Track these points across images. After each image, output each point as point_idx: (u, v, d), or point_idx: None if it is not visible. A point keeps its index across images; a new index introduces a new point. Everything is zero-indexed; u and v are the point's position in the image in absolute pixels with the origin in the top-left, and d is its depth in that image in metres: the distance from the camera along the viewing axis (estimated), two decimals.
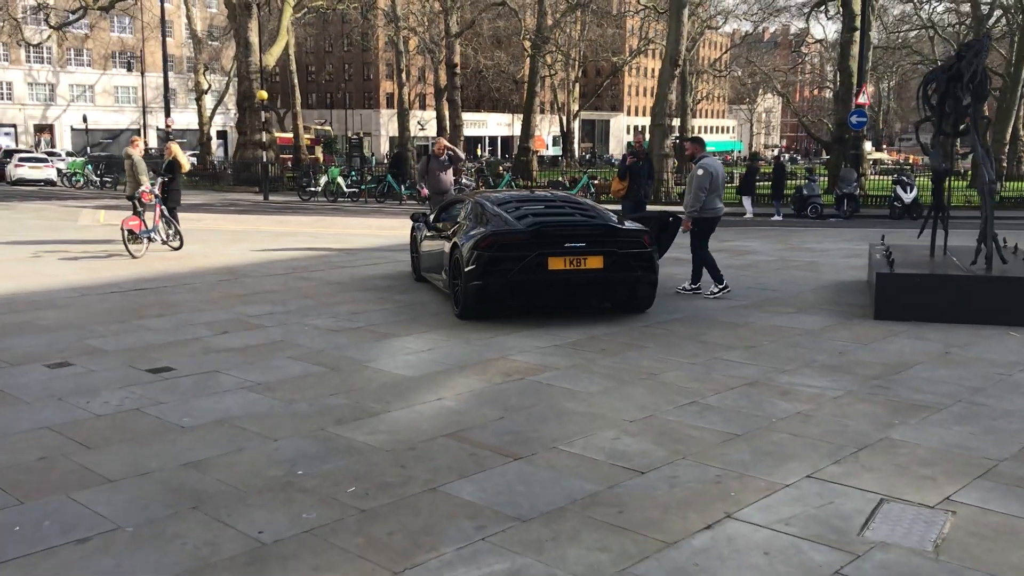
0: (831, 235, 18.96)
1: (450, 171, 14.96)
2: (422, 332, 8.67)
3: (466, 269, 8.98)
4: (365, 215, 25.06)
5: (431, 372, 7.17)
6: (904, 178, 26.98)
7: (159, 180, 15.28)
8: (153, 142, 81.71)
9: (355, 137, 38.69)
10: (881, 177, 41.21)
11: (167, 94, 33.74)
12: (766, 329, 8.87)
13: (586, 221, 9.28)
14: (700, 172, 10.64)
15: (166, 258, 14.11)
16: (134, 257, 13.88)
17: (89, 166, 40.42)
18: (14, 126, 75.41)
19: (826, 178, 34.02)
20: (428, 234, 11.07)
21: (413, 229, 12.02)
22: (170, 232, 15.22)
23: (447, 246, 9.76)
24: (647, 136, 35.59)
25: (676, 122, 53.38)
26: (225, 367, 7.32)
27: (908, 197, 25.82)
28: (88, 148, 64.55)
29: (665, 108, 30.47)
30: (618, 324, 9.06)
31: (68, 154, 57.79)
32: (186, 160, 16.44)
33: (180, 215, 15.96)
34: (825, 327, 8.97)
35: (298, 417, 6.01)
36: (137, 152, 16.13)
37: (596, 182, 32.56)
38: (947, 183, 10.57)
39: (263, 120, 35.49)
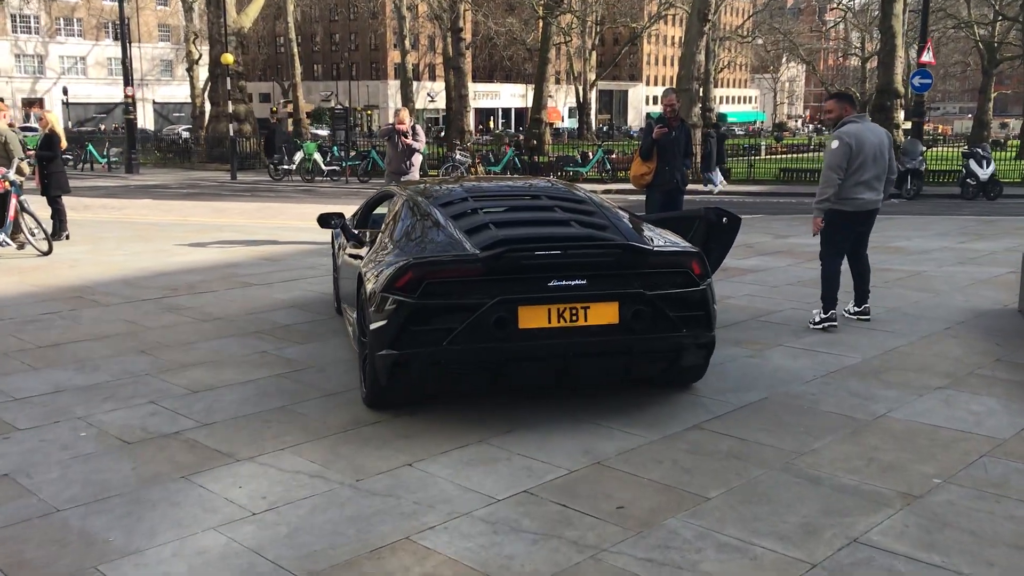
0: (914, 225, 14.78)
1: (414, 156, 11.37)
2: (283, 447, 4.69)
3: (372, 325, 5.00)
4: (335, 199, 20.91)
5: None
6: (979, 150, 22.67)
7: (16, 161, 11.33)
8: (148, 117, 77.96)
9: (339, 108, 34.59)
10: (933, 148, 36.71)
11: (125, 60, 29.77)
12: (919, 437, 4.82)
13: (589, 236, 5.20)
14: (835, 144, 7.06)
15: (16, 269, 10.20)
16: None
17: None
18: (0, 99, 71.10)
19: None
20: (348, 245, 7.05)
21: (333, 237, 8.01)
22: (35, 232, 11.31)
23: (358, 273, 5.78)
24: None
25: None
26: None
27: (984, 173, 21.64)
28: (70, 124, 60.83)
29: (692, 71, 26.15)
30: (646, 422, 5.05)
31: None
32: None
33: (102, 202, 12.15)
34: (1020, 432, 4.92)
35: None
36: (4, 123, 12.26)
37: (612, 156, 28.40)
38: None
39: (236, 88, 31.51)
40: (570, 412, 5.19)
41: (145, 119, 77.87)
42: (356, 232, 6.91)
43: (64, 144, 12.64)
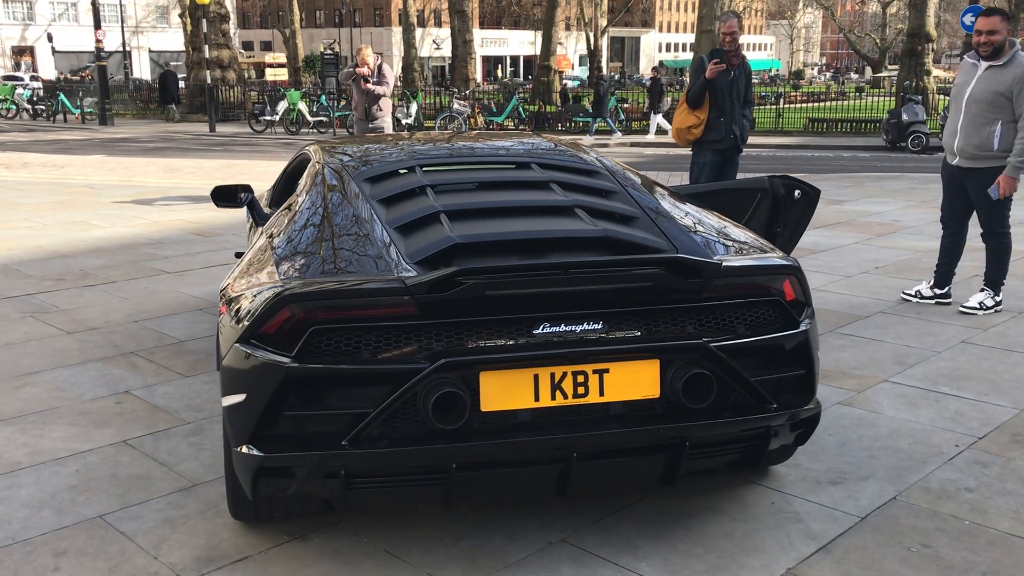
0: None
1: (382, 100, 9.46)
2: None
3: (225, 400, 2.86)
4: None
5: None
6: None
7: None
8: (144, 66, 75.20)
9: (328, 53, 32.04)
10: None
11: (95, 2, 27.44)
12: None
13: (605, 236, 3.01)
14: None
15: None
16: None
17: (25, 92, 34.18)
18: None
19: (894, 99, 27.92)
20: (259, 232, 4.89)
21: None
22: None
23: None
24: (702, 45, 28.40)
25: None
26: None
27: None
28: (51, 72, 58.36)
29: (716, 9, 23.72)
30: (704, 560, 2.93)
31: (33, 78, 51.51)
32: None
33: (46, 158, 10.29)
34: None
35: None
36: None
37: (626, 106, 26.01)
38: None
39: (218, 32, 29.14)
40: (574, 535, 3.08)
41: (141, 68, 75.12)
42: (268, 212, 4.80)
43: None
